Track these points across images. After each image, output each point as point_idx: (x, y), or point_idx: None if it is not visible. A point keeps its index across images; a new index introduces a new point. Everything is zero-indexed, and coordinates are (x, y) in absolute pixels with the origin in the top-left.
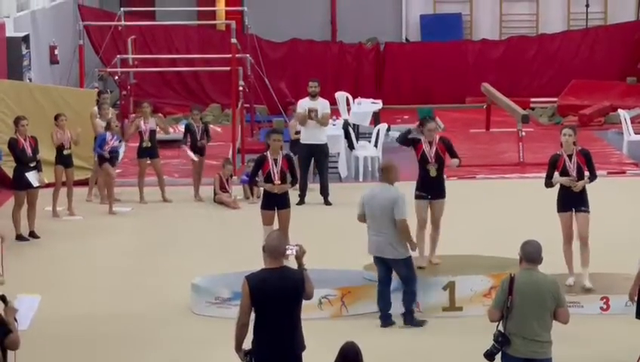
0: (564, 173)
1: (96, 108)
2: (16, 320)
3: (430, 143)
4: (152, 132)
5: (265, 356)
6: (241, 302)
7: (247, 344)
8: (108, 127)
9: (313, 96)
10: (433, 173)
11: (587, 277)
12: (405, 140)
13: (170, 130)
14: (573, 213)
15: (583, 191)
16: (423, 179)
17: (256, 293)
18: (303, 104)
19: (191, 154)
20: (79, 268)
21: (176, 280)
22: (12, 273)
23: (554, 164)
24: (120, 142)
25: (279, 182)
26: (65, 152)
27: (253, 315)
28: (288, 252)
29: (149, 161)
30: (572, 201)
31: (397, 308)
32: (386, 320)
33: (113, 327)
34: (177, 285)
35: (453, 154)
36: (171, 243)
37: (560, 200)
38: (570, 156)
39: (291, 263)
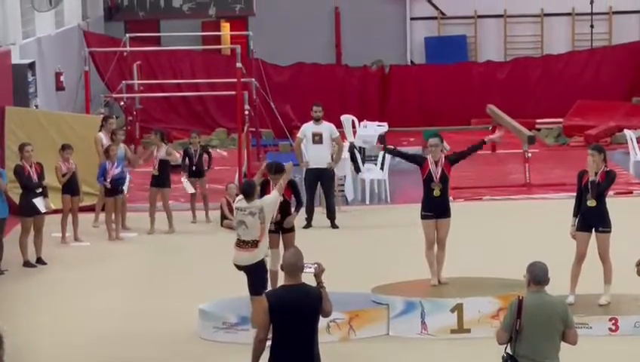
0: (586, 188)
1: (100, 133)
2: None
3: (436, 163)
4: (162, 161)
5: None
6: (260, 318)
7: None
8: (107, 154)
9: (317, 120)
10: (437, 192)
11: (606, 294)
12: (402, 155)
13: (177, 155)
14: (594, 233)
15: (603, 210)
16: (427, 198)
17: (275, 310)
18: (307, 128)
19: (187, 186)
20: (87, 294)
21: (184, 305)
22: (20, 300)
23: (580, 179)
24: (121, 168)
25: (278, 211)
26: (71, 181)
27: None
28: (307, 270)
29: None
30: (591, 221)
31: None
32: None
33: (121, 354)
34: (185, 310)
35: (464, 154)
36: (178, 268)
37: (580, 220)
38: (596, 173)
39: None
